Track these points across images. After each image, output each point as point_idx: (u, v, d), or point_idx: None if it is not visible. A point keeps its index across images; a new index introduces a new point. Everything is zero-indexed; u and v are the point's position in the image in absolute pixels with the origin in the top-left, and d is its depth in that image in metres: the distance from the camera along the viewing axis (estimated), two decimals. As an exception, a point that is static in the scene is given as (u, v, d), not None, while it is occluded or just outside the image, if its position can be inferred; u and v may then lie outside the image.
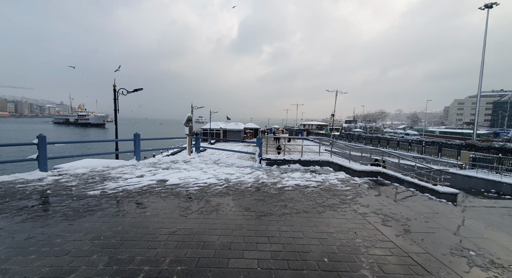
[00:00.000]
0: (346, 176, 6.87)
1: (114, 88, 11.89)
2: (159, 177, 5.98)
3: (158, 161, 8.28)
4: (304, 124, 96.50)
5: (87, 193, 4.67)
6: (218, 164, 8.18)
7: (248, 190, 5.22)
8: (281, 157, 8.07)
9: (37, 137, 6.01)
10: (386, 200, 4.99)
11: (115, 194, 4.68)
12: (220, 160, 8.98)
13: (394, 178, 7.92)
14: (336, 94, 42.83)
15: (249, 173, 6.81)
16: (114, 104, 11.98)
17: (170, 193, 4.87)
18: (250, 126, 59.21)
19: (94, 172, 6.40)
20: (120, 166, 7.32)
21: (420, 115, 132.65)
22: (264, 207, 4.19)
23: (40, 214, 3.62)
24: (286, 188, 5.47)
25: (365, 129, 79.47)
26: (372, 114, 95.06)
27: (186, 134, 9.17)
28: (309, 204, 4.40)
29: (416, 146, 23.42)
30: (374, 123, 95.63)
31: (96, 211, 3.81)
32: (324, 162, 8.10)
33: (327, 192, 5.22)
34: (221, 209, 4.05)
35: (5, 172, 7.82)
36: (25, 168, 19.90)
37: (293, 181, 5.93)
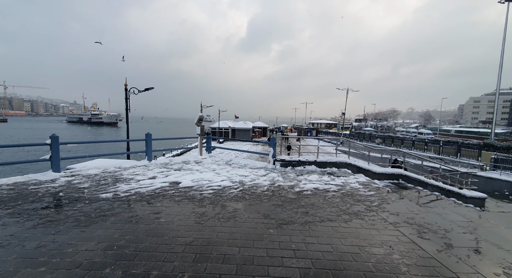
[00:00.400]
0: (366, 179, 6.49)
1: (126, 87, 11.86)
2: (171, 179, 5.79)
3: (169, 162, 8.13)
4: (313, 122, 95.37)
5: (99, 196, 4.51)
6: (230, 165, 7.95)
7: (265, 194, 4.95)
8: (296, 158, 7.75)
9: (50, 138, 5.94)
10: (415, 207, 4.61)
11: (127, 197, 4.51)
12: (232, 160, 8.74)
13: (417, 181, 7.46)
14: (347, 92, 41.90)
15: (263, 175, 6.53)
16: (126, 104, 11.96)
17: (183, 196, 4.65)
18: (259, 125, 58.94)
19: (106, 173, 6.28)
20: (132, 166, 7.20)
21: (433, 114, 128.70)
22: (284, 214, 3.90)
23: (52, 219, 3.47)
24: (304, 192, 5.16)
25: (376, 128, 77.72)
26: (383, 112, 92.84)
27: (197, 134, 8.99)
28: (332, 211, 4.08)
29: (432, 146, 22.51)
30: (386, 121, 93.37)
31: (108, 216, 3.62)
32: (341, 163, 7.72)
33: (350, 197, 4.88)
34: (239, 216, 3.79)
35: (20, 172, 7.86)
36: (39, 168, 20.36)
37: (311, 185, 5.61)
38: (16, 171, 19.33)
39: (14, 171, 19.68)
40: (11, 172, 19.42)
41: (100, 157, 7.92)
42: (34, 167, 21.32)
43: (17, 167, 21.36)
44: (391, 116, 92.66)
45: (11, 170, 20.55)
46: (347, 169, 7.57)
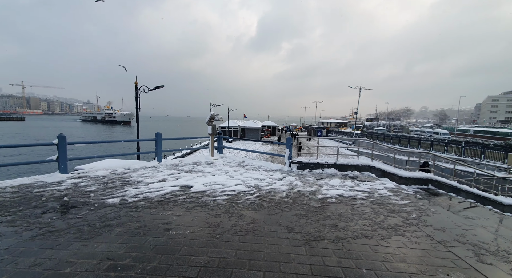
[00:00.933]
0: (395, 185, 5.89)
1: (136, 85, 11.63)
2: (182, 182, 5.41)
3: (179, 163, 7.78)
4: (323, 122, 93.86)
5: (106, 201, 4.17)
6: (243, 167, 7.51)
7: (285, 202, 4.46)
8: (314, 160, 7.22)
9: (57, 137, 5.67)
10: (460, 219, 4.01)
11: (135, 203, 4.14)
12: (245, 162, 8.30)
13: (449, 187, 6.77)
14: (360, 90, 40.60)
15: (280, 179, 6.05)
16: (136, 102, 11.73)
17: (195, 203, 4.24)
18: (268, 124, 58.35)
19: (114, 175, 5.98)
20: (141, 167, 6.88)
21: (449, 113, 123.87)
22: (310, 227, 3.41)
23: (52, 229, 3.13)
24: (328, 199, 4.64)
25: (388, 128, 75.48)
26: (396, 111, 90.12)
27: (208, 133, 8.60)
28: (365, 224, 3.56)
29: (453, 147, 21.32)
30: (398, 121, 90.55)
31: (114, 226, 3.25)
32: (364, 166, 7.13)
33: (381, 207, 4.33)
34: (258, 229, 3.33)
35: (33, 172, 7.73)
36: (48, 168, 20.60)
37: (334, 191, 5.08)
38: (29, 172, 19.59)
39: (27, 171, 19.95)
40: (23, 172, 19.71)
41: (109, 158, 7.68)
42: (44, 168, 21.56)
43: (28, 167, 21.62)
44: (405, 115, 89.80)
45: (23, 170, 20.86)
46: (370, 172, 6.97)
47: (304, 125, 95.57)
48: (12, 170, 20.63)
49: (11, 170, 20.41)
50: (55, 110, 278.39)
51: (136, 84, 11.61)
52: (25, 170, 20.78)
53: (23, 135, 53.21)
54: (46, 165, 21.78)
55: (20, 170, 20.80)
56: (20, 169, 20.90)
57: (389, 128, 74.83)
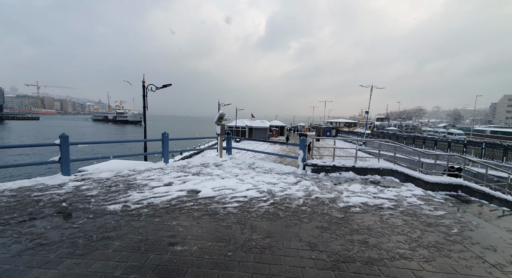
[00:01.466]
0: (423, 191, 5.31)
1: (143, 84, 11.39)
2: (189, 186, 5.02)
3: (187, 164, 7.42)
4: (331, 121, 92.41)
5: (106, 208, 3.81)
6: (254, 169, 7.07)
7: (302, 210, 4.00)
8: (330, 163, 6.70)
9: (59, 137, 5.40)
10: (508, 235, 3.44)
11: (138, 210, 3.77)
12: (256, 164, 7.86)
13: (480, 194, 6.13)
14: (371, 89, 39.47)
15: (294, 183, 5.58)
16: (143, 101, 11.50)
17: (204, 211, 3.83)
18: (276, 124, 57.76)
19: (119, 177, 5.66)
20: (147, 169, 6.55)
21: (462, 112, 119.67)
22: (336, 244, 2.94)
23: (44, 242, 2.78)
24: (352, 208, 4.14)
25: (400, 128, 73.44)
26: (408, 111, 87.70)
27: (217, 134, 8.21)
28: (400, 241, 3.05)
29: (472, 148, 20.22)
30: (410, 121, 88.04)
31: (112, 239, 2.87)
32: (385, 170, 6.56)
33: (414, 219, 3.80)
34: (276, 245, 2.88)
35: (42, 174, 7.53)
36: (52, 169, 20.66)
37: (357, 198, 4.57)
38: (41, 172, 19.68)
39: (34, 172, 20.01)
40: (32, 172, 19.78)
41: (116, 158, 7.40)
42: (49, 168, 21.60)
43: (34, 168, 21.58)
44: (417, 115, 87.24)
45: (36, 170, 21.03)
46: (393, 177, 6.40)
47: (312, 125, 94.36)
48: (24, 170, 20.81)
49: (23, 171, 20.59)
50: (68, 110, 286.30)
51: (143, 83, 11.38)
52: (40, 170, 20.90)
53: (36, 134, 54.57)
54: (56, 165, 21.78)
55: (32, 170, 20.95)
56: (32, 169, 21.08)
57: (400, 128, 72.81)
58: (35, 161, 6.01)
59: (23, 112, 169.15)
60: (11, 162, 23.83)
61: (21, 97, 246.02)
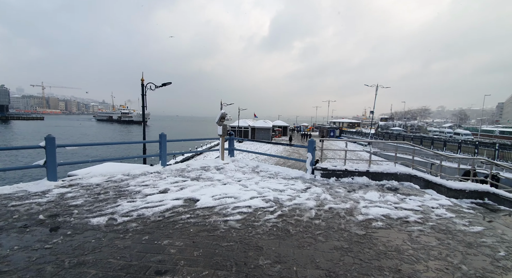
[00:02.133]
0: (449, 200, 4.71)
1: (142, 82, 10.92)
2: (187, 194, 4.50)
3: (186, 167, 6.90)
4: (334, 121, 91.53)
5: (89, 221, 3.30)
6: (258, 173, 6.53)
7: (316, 225, 3.44)
8: (341, 167, 6.13)
9: (44, 139, 4.91)
10: None
11: (125, 224, 3.25)
12: (260, 167, 7.32)
13: (509, 201, 5.51)
14: (377, 88, 38.65)
15: (303, 190, 5.02)
16: (142, 100, 11.02)
17: (201, 226, 3.30)
18: (279, 124, 57.16)
19: (110, 183, 5.16)
20: (142, 173, 6.05)
21: (468, 112, 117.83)
22: (361, 273, 2.38)
23: (4, 269, 2.27)
24: (373, 222, 3.57)
25: (405, 128, 72.31)
26: (413, 111, 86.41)
27: (218, 135, 7.68)
28: (441, 269, 2.48)
29: (484, 150, 19.42)
30: (415, 121, 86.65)
31: (88, 266, 2.35)
32: (403, 175, 5.96)
33: (449, 237, 3.21)
34: (288, 274, 2.33)
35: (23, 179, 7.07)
36: (43, 174, 19.94)
37: (376, 209, 4.00)
38: (27, 177, 18.69)
39: (25, 177, 18.89)
40: (21, 177, 18.69)
41: (112, 161, 6.92)
42: (40, 172, 20.67)
43: (26, 172, 20.18)
44: (422, 115, 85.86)
45: (22, 175, 19.60)
46: (411, 183, 5.80)
47: (315, 125, 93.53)
48: (13, 174, 19.77)
49: (11, 175, 19.44)
50: (72, 110, 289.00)
51: (142, 81, 10.90)
52: (34, 173, 20.03)
53: (40, 134, 54.67)
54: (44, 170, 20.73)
55: (24, 174, 20.05)
56: (22, 174, 20.02)
57: (405, 129, 71.69)
58: (18, 166, 5.48)
59: (29, 112, 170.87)
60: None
61: (26, 97, 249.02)
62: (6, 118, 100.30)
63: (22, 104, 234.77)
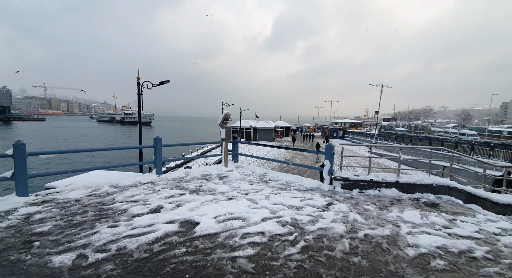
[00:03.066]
0: (509, 220, 3.82)
1: (138, 81, 10.07)
2: (184, 214, 3.63)
3: (185, 176, 6.04)
4: (336, 122, 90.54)
5: (50, 260, 2.44)
6: (267, 183, 5.65)
7: (356, 265, 2.56)
8: (366, 177, 5.24)
9: (12, 146, 4.07)
10: None
11: (98, 266, 2.39)
12: (268, 175, 6.44)
13: None
14: (382, 88, 37.65)
15: (325, 207, 4.14)
16: (138, 100, 10.18)
17: (201, 267, 2.43)
18: (281, 124, 56.28)
19: (92, 198, 4.30)
20: (133, 184, 5.19)
21: (470, 112, 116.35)
22: None
23: None
24: (432, 262, 2.66)
25: (409, 128, 71.14)
26: (417, 111, 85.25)
27: (222, 138, 6.82)
28: None
29: (501, 151, 18.43)
30: (418, 121, 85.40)
31: None
32: (440, 187, 5.06)
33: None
34: None
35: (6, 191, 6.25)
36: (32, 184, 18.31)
37: (426, 237, 3.10)
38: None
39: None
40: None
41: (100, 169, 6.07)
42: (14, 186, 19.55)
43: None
44: (426, 115, 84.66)
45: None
46: (451, 196, 4.90)
47: (317, 125, 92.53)
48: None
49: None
50: (74, 111, 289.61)
51: (138, 80, 10.06)
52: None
53: (40, 135, 54.08)
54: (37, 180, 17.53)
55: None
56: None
57: (409, 129, 70.55)
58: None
59: (31, 113, 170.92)
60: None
61: (29, 98, 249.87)
62: (8, 119, 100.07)
63: (24, 105, 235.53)
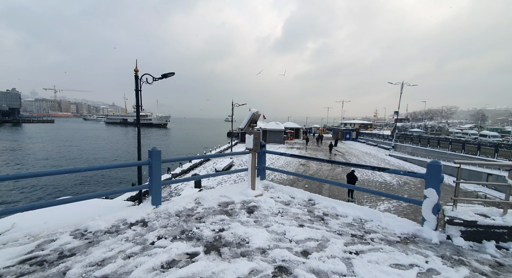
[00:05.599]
0: None
1: (136, 74, 8.17)
2: None
3: (195, 207, 4.01)
4: (345, 123, 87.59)
5: None
6: (325, 222, 3.57)
7: None
8: (501, 219, 3.11)
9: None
10: None
11: None
12: (316, 202, 4.36)
13: None
14: (402, 86, 35.02)
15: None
16: (136, 98, 8.26)
17: None
18: (291, 125, 54.03)
19: (34, 263, 2.32)
20: (112, 229, 3.20)
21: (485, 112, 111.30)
22: None
23: None
24: None
25: (425, 129, 67.71)
26: (433, 111, 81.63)
27: (247, 149, 4.77)
28: None
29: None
30: (431, 121, 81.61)
31: None
32: None
33: None
34: None
35: None
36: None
37: None
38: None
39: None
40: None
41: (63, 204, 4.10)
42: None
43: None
44: (444, 115, 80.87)
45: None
46: None
47: (326, 126, 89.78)
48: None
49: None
50: (83, 112, 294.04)
51: (136, 73, 8.15)
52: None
53: (47, 137, 53.40)
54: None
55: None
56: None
57: (425, 130, 67.16)
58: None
59: (41, 115, 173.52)
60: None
61: (39, 100, 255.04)
62: (18, 121, 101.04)
63: (35, 107, 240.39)
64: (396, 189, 15.66)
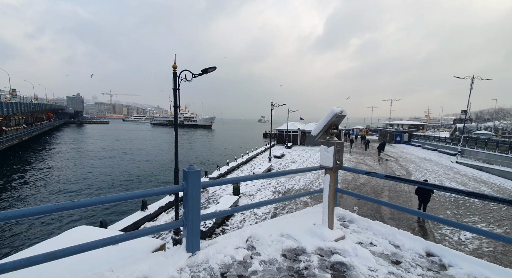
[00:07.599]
0: None
1: (174, 71, 7.27)
2: None
3: (248, 255, 2.63)
4: (392, 123, 79.11)
5: None
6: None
7: None
8: None
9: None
10: None
11: None
12: (442, 258, 2.60)
13: None
14: (472, 81, 29.29)
15: None
16: (174, 97, 7.36)
17: None
18: (331, 126, 50.29)
19: None
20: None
21: None
22: None
23: None
24: None
25: (495, 131, 57.00)
26: (507, 109, 68.75)
27: (322, 166, 3.21)
28: None
29: None
30: (502, 121, 68.45)
31: None
32: None
33: None
34: None
35: None
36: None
37: None
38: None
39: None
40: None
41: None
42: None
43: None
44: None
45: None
46: None
47: (369, 127, 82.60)
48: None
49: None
50: (132, 115, 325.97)
51: (174, 70, 7.25)
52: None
53: (104, 137, 59.31)
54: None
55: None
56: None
57: (495, 132, 56.49)
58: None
59: (99, 117, 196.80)
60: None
61: (98, 104, 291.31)
62: (80, 122, 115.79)
63: (95, 110, 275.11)
64: (480, 208, 12.35)
